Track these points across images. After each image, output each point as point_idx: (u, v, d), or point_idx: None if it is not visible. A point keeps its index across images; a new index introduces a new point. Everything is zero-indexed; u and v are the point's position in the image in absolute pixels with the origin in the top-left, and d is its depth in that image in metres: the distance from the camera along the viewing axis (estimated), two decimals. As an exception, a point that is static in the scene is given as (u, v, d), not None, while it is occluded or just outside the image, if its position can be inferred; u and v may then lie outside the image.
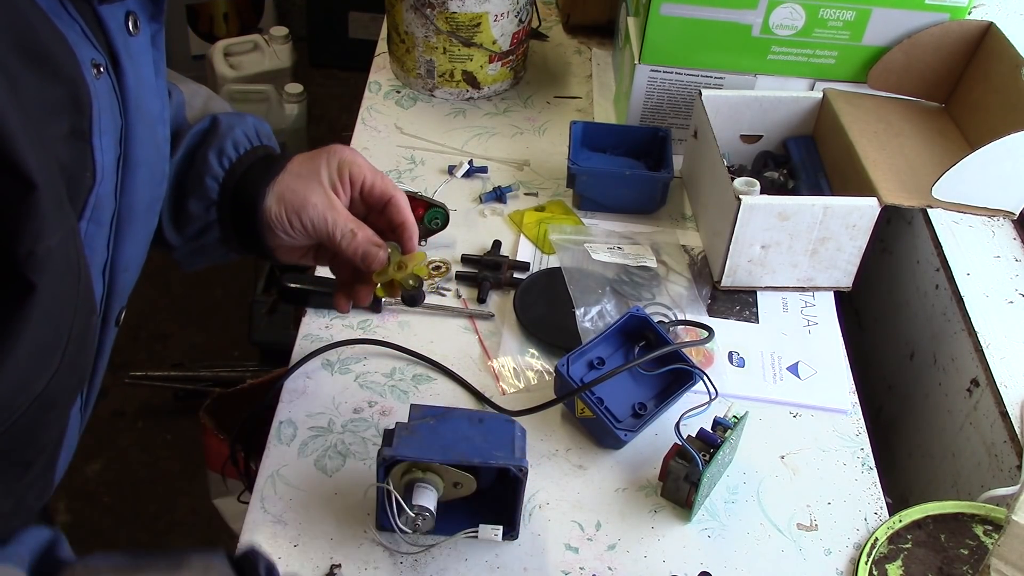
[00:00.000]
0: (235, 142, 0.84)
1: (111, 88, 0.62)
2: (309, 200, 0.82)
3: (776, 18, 1.26)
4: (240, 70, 2.68)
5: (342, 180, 0.84)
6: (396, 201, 0.85)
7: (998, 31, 1.22)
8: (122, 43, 0.64)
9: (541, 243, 1.21)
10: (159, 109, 0.71)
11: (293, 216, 0.82)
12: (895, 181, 1.13)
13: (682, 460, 0.91)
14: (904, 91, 1.30)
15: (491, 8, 1.36)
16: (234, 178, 0.83)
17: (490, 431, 0.85)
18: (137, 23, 0.66)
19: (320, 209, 0.82)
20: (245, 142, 0.84)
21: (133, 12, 0.66)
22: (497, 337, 1.09)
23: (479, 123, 1.42)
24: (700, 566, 0.89)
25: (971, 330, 1.07)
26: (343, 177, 0.84)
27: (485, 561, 0.87)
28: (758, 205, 1.09)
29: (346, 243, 0.82)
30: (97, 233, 0.65)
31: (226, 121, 0.85)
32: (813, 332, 1.13)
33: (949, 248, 1.17)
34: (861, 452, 1.01)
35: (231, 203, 0.83)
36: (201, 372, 2.21)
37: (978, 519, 0.93)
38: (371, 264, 0.84)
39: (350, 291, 0.90)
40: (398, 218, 0.85)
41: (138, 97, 0.65)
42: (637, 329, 1.02)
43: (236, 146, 0.84)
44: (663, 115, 1.36)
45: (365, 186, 0.85)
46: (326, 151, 0.85)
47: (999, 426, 1.00)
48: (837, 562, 0.90)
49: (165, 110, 0.73)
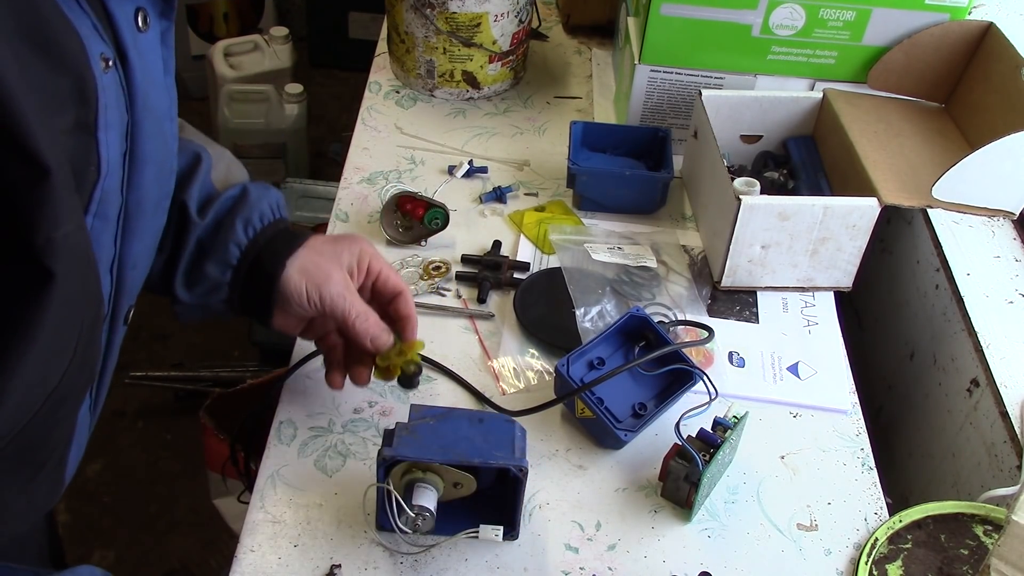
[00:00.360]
0: (262, 214, 0.89)
1: (118, 82, 0.63)
2: (331, 276, 0.87)
3: (776, 18, 1.26)
4: (240, 70, 2.68)
5: (360, 267, 0.90)
6: (405, 295, 0.92)
7: (998, 31, 1.22)
8: (131, 39, 0.64)
9: (541, 243, 1.21)
10: (167, 106, 0.72)
11: (313, 289, 0.86)
12: (895, 181, 1.13)
13: (682, 460, 0.91)
14: (904, 91, 1.30)
15: (491, 8, 1.36)
16: (256, 248, 0.87)
17: (490, 431, 0.85)
18: (147, 19, 0.66)
19: (340, 288, 0.87)
20: (270, 215, 0.89)
21: (143, 8, 0.66)
22: (497, 337, 1.09)
23: (479, 123, 1.42)
24: (700, 566, 0.89)
25: (971, 330, 1.07)
26: (362, 264, 0.90)
27: (485, 561, 0.87)
28: (758, 205, 1.09)
29: (360, 323, 0.88)
30: (103, 228, 0.65)
31: (255, 192, 0.90)
32: (813, 332, 1.13)
33: (949, 248, 1.17)
34: (861, 452, 1.01)
35: (248, 270, 0.88)
36: (201, 372, 2.22)
37: (978, 519, 0.93)
38: (379, 347, 0.89)
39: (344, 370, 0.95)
40: (405, 310, 0.91)
41: (145, 93, 0.65)
42: (637, 329, 1.02)
43: (262, 217, 0.89)
44: (663, 115, 1.36)
45: (380, 277, 0.91)
46: (347, 238, 0.91)
47: (999, 426, 1.00)
48: (837, 562, 0.90)
49: (173, 107, 0.74)
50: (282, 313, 0.90)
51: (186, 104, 3.16)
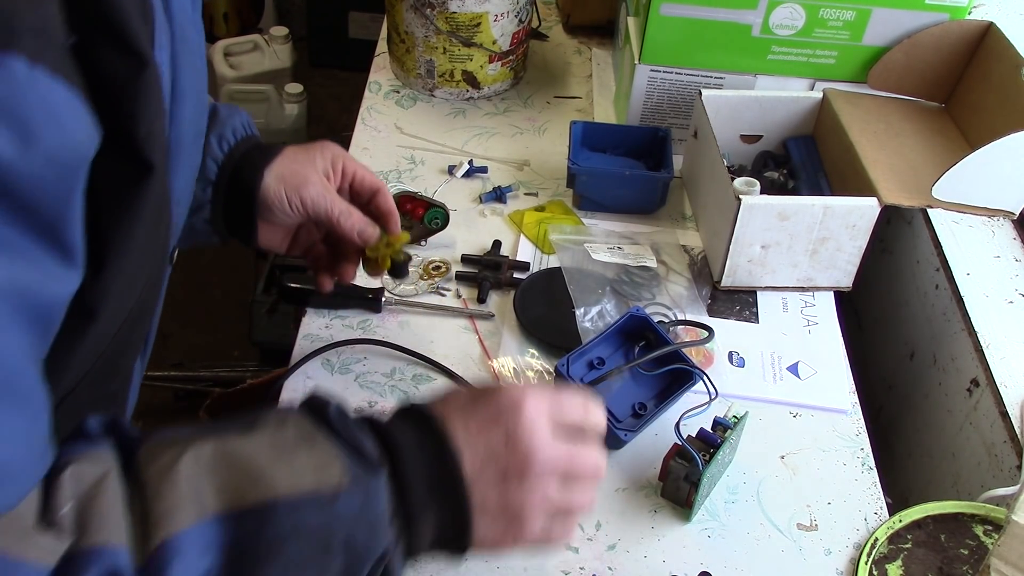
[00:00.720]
0: (234, 129, 0.89)
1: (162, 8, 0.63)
2: (309, 179, 0.88)
3: (776, 18, 1.26)
4: (240, 70, 2.68)
5: (335, 170, 0.91)
6: (383, 191, 0.93)
7: (998, 31, 1.22)
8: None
9: (541, 243, 1.21)
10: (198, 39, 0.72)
11: (293, 194, 0.87)
12: (895, 181, 1.13)
13: (682, 460, 0.91)
14: (904, 91, 1.30)
15: (491, 8, 1.36)
16: (232, 161, 0.88)
17: (490, 431, 0.85)
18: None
19: (319, 188, 0.88)
20: (242, 130, 0.90)
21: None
22: (497, 337, 1.09)
23: (479, 123, 1.42)
24: (700, 566, 0.89)
25: (971, 330, 1.07)
26: (336, 167, 0.91)
27: (485, 561, 0.87)
28: (758, 205, 1.09)
29: (345, 220, 0.89)
30: None
31: (225, 110, 0.91)
32: (813, 332, 1.13)
33: (949, 248, 1.17)
34: (861, 452, 1.01)
35: (227, 185, 0.88)
36: (201, 372, 2.21)
37: (978, 519, 0.93)
38: (367, 240, 0.91)
39: (332, 272, 0.97)
40: (385, 206, 0.93)
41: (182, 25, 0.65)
42: (637, 329, 1.02)
43: (235, 133, 0.89)
44: (663, 115, 1.36)
45: (356, 178, 0.93)
46: (318, 145, 0.92)
47: (999, 426, 1.00)
48: (837, 562, 0.90)
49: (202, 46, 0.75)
50: (266, 227, 0.91)
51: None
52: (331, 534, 0.55)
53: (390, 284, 1.12)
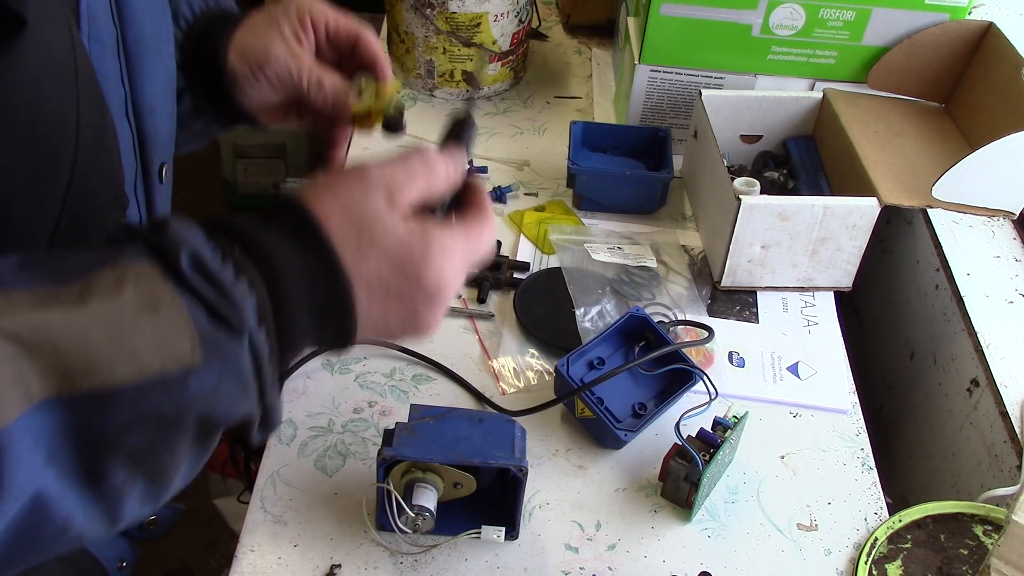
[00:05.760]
0: (190, 3, 0.80)
1: None
2: (271, 53, 0.77)
3: (776, 18, 1.26)
4: (240, 70, 2.68)
5: (303, 26, 0.79)
6: (365, 37, 0.81)
7: (998, 31, 1.22)
8: None
9: (541, 243, 1.21)
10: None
11: (257, 71, 0.78)
12: (895, 181, 1.13)
13: (682, 460, 0.91)
14: (904, 91, 1.30)
15: (491, 8, 1.36)
16: (192, 39, 0.78)
17: (490, 431, 0.85)
18: None
19: (283, 61, 0.77)
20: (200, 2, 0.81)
21: None
22: (497, 337, 1.09)
23: (479, 123, 1.42)
24: (700, 566, 0.89)
25: (971, 330, 1.07)
26: (304, 23, 0.79)
27: (485, 561, 0.87)
28: (758, 205, 1.09)
29: (314, 94, 0.78)
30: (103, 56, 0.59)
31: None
32: (813, 332, 1.13)
33: (949, 248, 1.17)
34: (861, 452, 1.01)
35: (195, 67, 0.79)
36: (201, 372, 2.21)
37: (978, 519, 0.93)
38: (343, 109, 0.79)
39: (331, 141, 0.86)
40: (369, 52, 0.81)
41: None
42: (637, 329, 1.02)
43: (191, 6, 0.80)
44: (663, 115, 1.36)
45: (330, 28, 0.81)
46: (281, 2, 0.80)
47: (999, 426, 1.00)
48: (837, 562, 0.90)
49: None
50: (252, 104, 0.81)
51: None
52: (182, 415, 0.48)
53: None
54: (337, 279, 0.53)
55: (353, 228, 0.54)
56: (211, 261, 0.49)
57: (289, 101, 0.82)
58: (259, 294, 0.50)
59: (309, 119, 0.85)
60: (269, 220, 0.54)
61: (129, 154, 0.65)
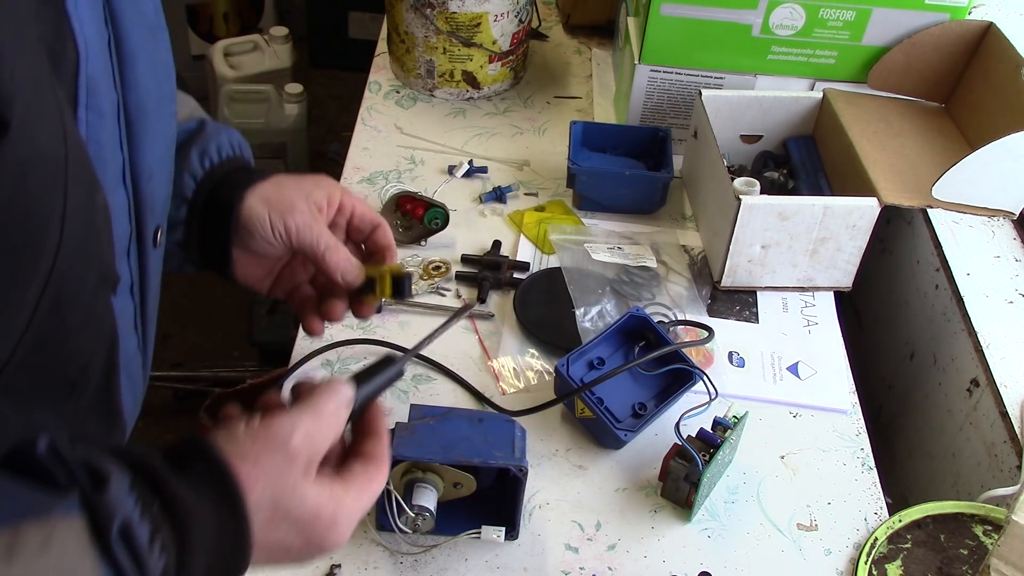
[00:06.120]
0: (219, 146, 0.82)
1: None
2: (297, 206, 0.80)
3: (776, 18, 1.26)
4: (240, 70, 2.68)
5: (331, 203, 0.83)
6: (384, 226, 0.85)
7: (998, 31, 1.22)
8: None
9: (541, 243, 1.21)
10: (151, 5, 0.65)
11: (278, 218, 0.79)
12: (895, 181, 1.13)
13: (682, 460, 0.91)
14: (904, 91, 1.30)
15: (491, 8, 1.36)
16: (213, 180, 0.80)
17: (490, 431, 0.85)
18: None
19: (307, 217, 0.80)
20: (228, 149, 0.83)
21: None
22: (497, 337, 1.09)
23: (479, 123, 1.42)
24: (700, 566, 0.89)
25: (971, 330, 1.07)
26: (332, 200, 0.83)
27: (485, 561, 0.87)
28: (758, 205, 1.09)
29: (331, 255, 0.80)
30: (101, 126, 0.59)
31: (213, 126, 0.83)
32: (813, 332, 1.13)
33: (949, 248, 1.17)
34: (861, 452, 1.01)
35: (204, 205, 0.80)
36: (201, 372, 2.21)
37: (978, 519, 0.93)
38: (350, 282, 0.82)
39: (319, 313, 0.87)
40: (384, 240, 0.85)
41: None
42: (637, 329, 1.02)
43: (219, 150, 0.82)
44: (663, 115, 1.36)
45: (356, 213, 0.84)
46: (313, 176, 0.84)
47: (999, 426, 1.00)
48: (837, 562, 0.90)
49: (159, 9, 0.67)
50: (246, 258, 0.82)
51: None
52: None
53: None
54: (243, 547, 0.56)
55: (270, 501, 0.57)
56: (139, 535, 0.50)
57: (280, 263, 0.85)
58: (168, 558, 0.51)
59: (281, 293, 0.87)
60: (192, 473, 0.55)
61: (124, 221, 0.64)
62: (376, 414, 0.67)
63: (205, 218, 0.80)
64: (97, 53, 0.57)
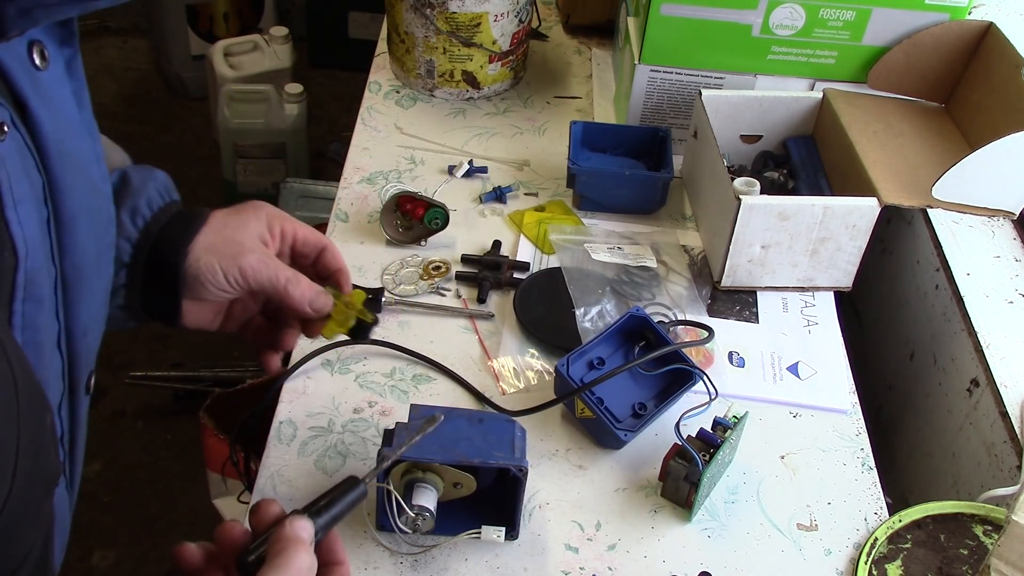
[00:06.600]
0: (149, 200, 0.78)
1: (21, 145, 0.53)
2: (245, 246, 0.78)
3: (776, 18, 1.26)
4: (240, 70, 2.68)
5: (272, 233, 0.82)
6: (330, 248, 0.84)
7: (998, 31, 1.22)
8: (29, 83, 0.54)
9: (541, 243, 1.21)
10: (89, 146, 0.62)
11: (230, 265, 0.77)
12: (895, 181, 1.13)
13: (682, 460, 0.91)
14: (904, 91, 1.30)
15: (491, 8, 1.36)
16: (150, 238, 0.77)
17: (490, 431, 0.85)
18: (44, 53, 0.56)
19: (259, 256, 0.78)
20: (159, 199, 0.79)
21: (38, 41, 0.55)
22: (497, 337, 1.09)
23: (479, 123, 1.42)
24: (700, 566, 0.89)
25: (971, 330, 1.07)
26: (273, 230, 0.82)
27: (485, 561, 0.87)
28: (758, 205, 1.09)
29: (293, 288, 0.79)
30: (38, 311, 0.56)
31: (137, 177, 0.79)
32: (813, 332, 1.13)
33: (949, 248, 1.17)
34: (861, 452, 1.01)
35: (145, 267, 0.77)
36: (201, 372, 2.21)
37: (978, 519, 0.93)
38: (320, 309, 0.81)
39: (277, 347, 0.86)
40: (334, 263, 0.84)
41: (59, 142, 0.56)
42: (637, 329, 1.02)
43: (150, 204, 0.78)
44: (663, 115, 1.36)
45: (298, 238, 0.83)
46: (249, 206, 0.82)
47: (999, 426, 1.00)
48: (837, 562, 0.90)
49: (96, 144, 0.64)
50: (195, 306, 0.81)
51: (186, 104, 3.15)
52: None
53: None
54: None
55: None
56: None
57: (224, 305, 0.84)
58: None
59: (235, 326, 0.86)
60: None
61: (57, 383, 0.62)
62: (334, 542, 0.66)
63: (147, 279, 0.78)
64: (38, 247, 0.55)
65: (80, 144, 0.60)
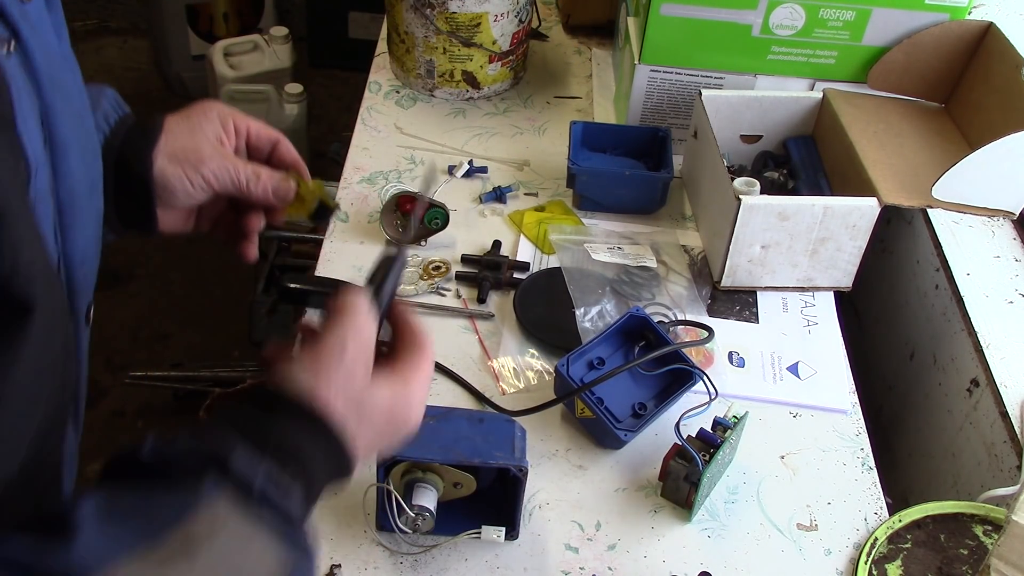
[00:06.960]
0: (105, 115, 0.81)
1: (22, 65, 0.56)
2: (204, 153, 0.81)
3: (776, 18, 1.26)
4: (240, 70, 2.68)
5: (226, 131, 0.84)
6: (283, 141, 0.87)
7: (998, 31, 1.22)
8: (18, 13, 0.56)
9: (541, 243, 1.21)
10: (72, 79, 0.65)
11: (192, 172, 0.80)
12: (895, 181, 1.13)
13: (682, 460, 0.91)
14: (904, 91, 1.30)
15: (491, 8, 1.36)
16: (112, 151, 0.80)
17: (490, 431, 0.85)
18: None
19: (219, 160, 0.81)
20: (113, 113, 0.81)
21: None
22: (497, 337, 1.09)
23: (479, 123, 1.42)
24: (700, 566, 0.89)
25: (971, 330, 1.07)
26: (227, 128, 0.84)
27: (485, 561, 0.87)
28: (758, 205, 1.09)
29: (254, 185, 0.82)
30: None
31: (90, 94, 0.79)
32: (813, 332, 1.13)
33: (949, 248, 1.17)
34: (861, 452, 1.01)
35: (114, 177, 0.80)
36: (201, 372, 2.21)
37: (978, 519, 0.93)
38: (285, 196, 0.84)
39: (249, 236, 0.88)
40: (289, 156, 0.86)
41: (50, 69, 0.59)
42: (637, 329, 1.02)
43: (107, 119, 0.81)
44: (663, 115, 1.36)
45: (251, 132, 0.86)
46: (200, 108, 0.85)
47: (999, 426, 1.00)
48: (837, 562, 0.90)
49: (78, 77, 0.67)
50: (167, 212, 0.83)
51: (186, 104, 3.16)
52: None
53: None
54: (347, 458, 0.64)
55: (353, 411, 0.64)
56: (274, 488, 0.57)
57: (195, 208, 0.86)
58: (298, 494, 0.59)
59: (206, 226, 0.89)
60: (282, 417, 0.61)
61: None
62: (401, 307, 0.71)
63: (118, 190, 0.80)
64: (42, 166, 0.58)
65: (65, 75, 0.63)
